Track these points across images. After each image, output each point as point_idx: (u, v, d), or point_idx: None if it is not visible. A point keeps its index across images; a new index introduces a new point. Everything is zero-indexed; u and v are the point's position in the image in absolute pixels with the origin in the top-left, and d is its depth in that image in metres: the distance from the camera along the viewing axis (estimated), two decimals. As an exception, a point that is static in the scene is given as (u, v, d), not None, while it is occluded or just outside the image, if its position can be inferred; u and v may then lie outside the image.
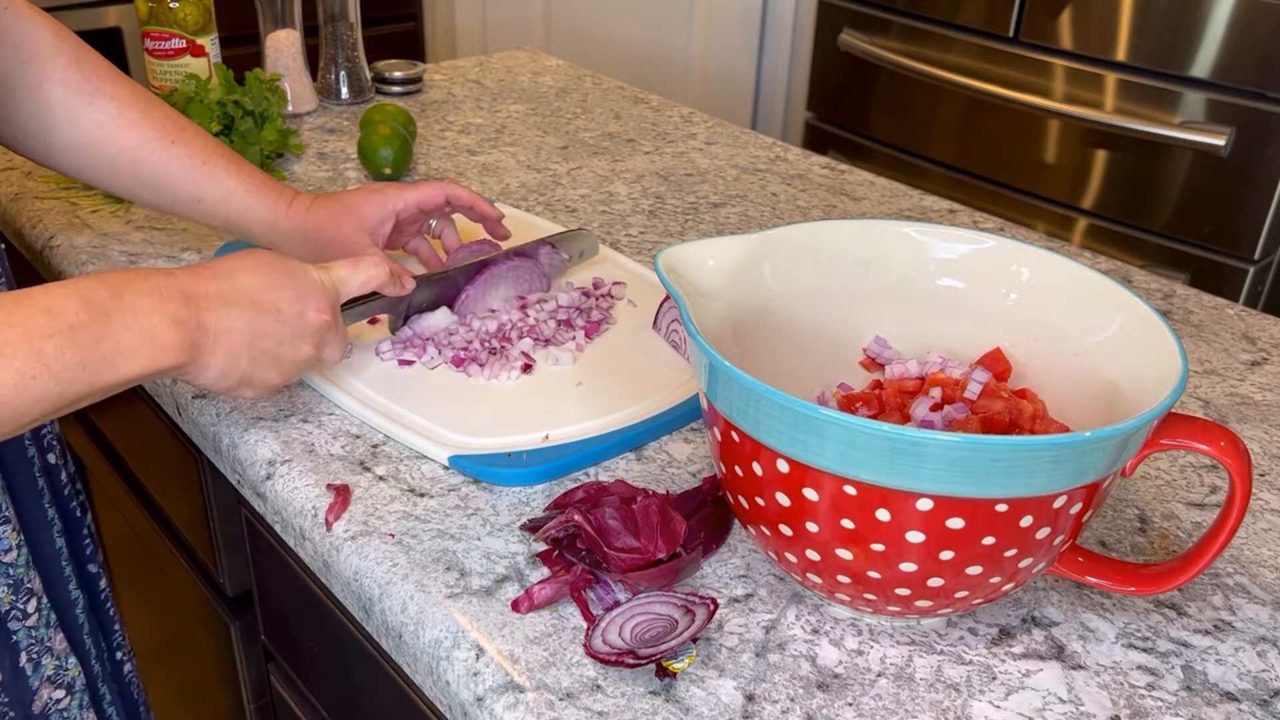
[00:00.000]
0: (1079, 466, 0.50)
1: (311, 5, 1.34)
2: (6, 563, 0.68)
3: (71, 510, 0.81)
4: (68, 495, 0.81)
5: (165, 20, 1.18)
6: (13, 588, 0.69)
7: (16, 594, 0.69)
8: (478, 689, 0.57)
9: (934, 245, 0.69)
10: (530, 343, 0.83)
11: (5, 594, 0.69)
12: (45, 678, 0.72)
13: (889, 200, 1.17)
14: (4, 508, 0.68)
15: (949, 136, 1.89)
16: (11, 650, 0.69)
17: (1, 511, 0.68)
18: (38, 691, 0.71)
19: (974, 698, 0.56)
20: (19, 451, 0.73)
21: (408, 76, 1.41)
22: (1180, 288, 1.02)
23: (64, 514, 0.79)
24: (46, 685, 0.72)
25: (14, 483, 0.72)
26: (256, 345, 0.66)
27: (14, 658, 0.70)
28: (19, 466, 0.73)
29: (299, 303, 0.68)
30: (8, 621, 0.69)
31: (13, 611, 0.69)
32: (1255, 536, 0.69)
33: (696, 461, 0.73)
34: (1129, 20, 1.60)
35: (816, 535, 0.54)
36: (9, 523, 0.69)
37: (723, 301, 0.65)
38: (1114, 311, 0.62)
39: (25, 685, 0.71)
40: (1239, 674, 0.59)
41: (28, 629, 0.70)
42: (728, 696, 0.55)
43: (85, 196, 1.07)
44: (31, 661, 0.71)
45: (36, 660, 0.71)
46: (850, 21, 1.99)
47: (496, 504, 0.69)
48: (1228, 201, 1.56)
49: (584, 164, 1.22)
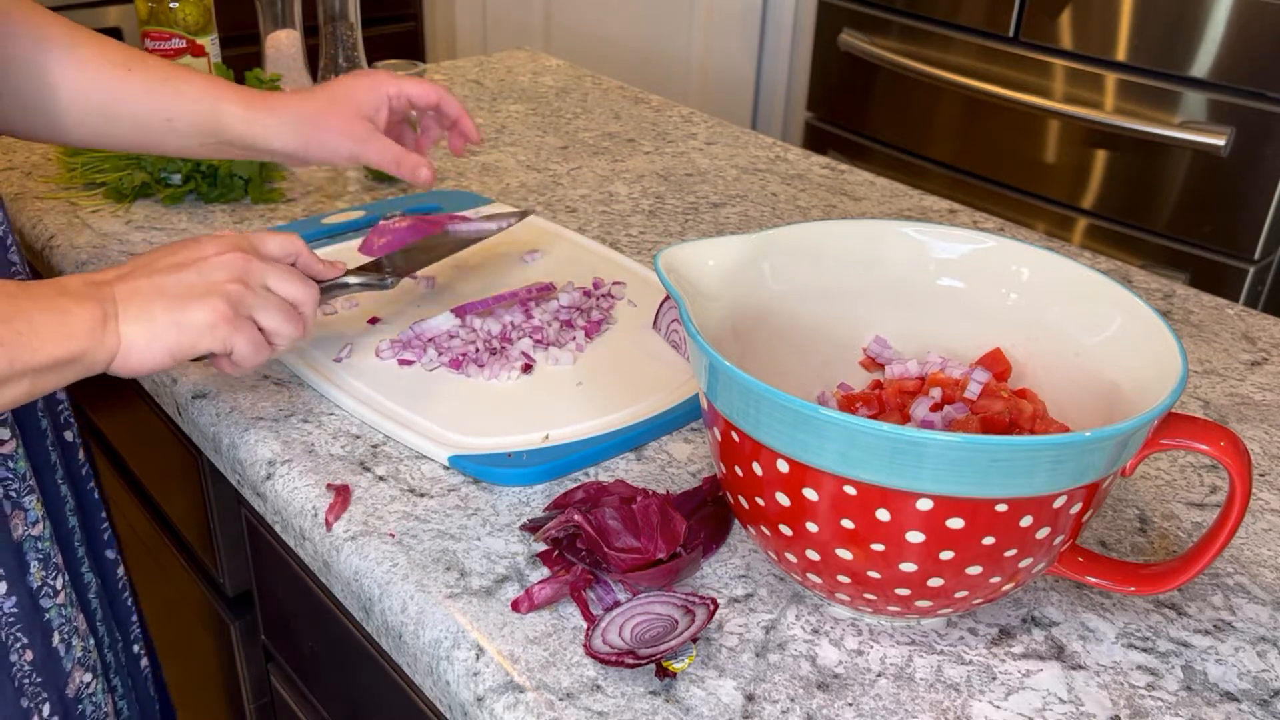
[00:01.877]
0: (1079, 466, 0.50)
1: (311, 5, 1.34)
2: (35, 536, 0.68)
3: (89, 492, 0.81)
4: (85, 476, 0.80)
5: (165, 20, 1.18)
6: (43, 563, 0.68)
7: (46, 570, 0.68)
8: (478, 689, 0.57)
9: (934, 245, 0.69)
10: (530, 343, 0.82)
11: (37, 569, 0.68)
12: (76, 660, 0.71)
13: (889, 200, 1.17)
14: (28, 476, 0.68)
15: (949, 136, 1.89)
16: (45, 629, 0.68)
17: (26, 481, 0.67)
18: (70, 674, 0.70)
19: (974, 698, 0.56)
20: (34, 424, 0.72)
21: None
22: (1180, 288, 1.02)
23: (79, 494, 0.79)
24: (78, 668, 0.71)
25: (32, 454, 0.71)
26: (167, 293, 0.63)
27: (47, 637, 0.69)
28: (34, 439, 0.72)
29: (193, 249, 0.66)
30: (40, 598, 0.68)
31: (44, 588, 0.68)
32: (1255, 536, 0.69)
33: (696, 461, 0.73)
34: (1129, 20, 1.60)
35: (816, 535, 0.54)
36: (34, 492, 0.68)
37: (723, 301, 0.65)
38: (1114, 311, 0.62)
39: (59, 667, 0.70)
40: (1239, 674, 0.59)
41: (58, 607, 0.69)
42: (728, 696, 0.55)
43: (85, 196, 1.07)
44: (64, 642, 0.70)
45: (68, 641, 0.70)
46: (850, 21, 1.99)
47: (496, 504, 0.69)
48: (1228, 201, 1.56)
49: (584, 164, 1.22)
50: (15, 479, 0.67)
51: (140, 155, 1.06)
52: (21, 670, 0.67)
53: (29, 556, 0.68)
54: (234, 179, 1.07)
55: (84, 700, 0.72)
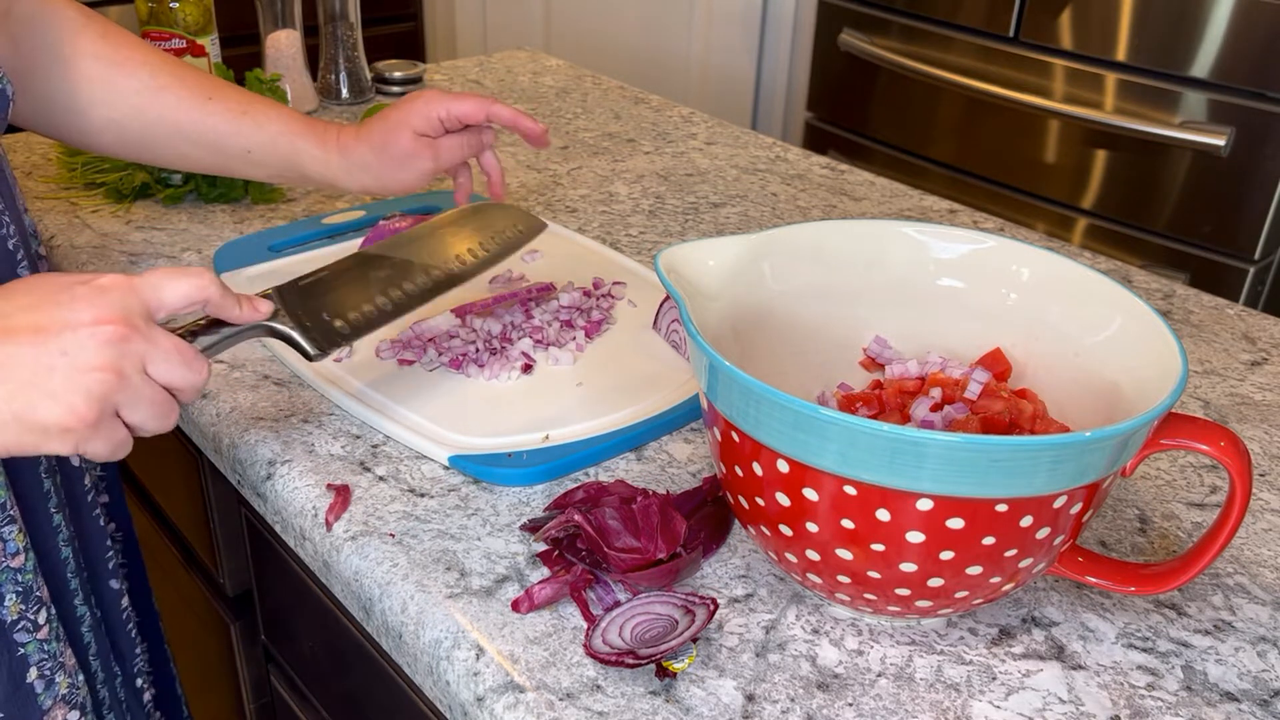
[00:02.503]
0: (1079, 466, 0.50)
1: (311, 5, 1.34)
2: (14, 568, 0.64)
3: (94, 519, 0.77)
4: (90, 503, 0.77)
5: (165, 20, 1.18)
6: (22, 596, 0.65)
7: (26, 603, 0.65)
8: (478, 689, 0.57)
9: (934, 245, 0.69)
10: (530, 343, 0.82)
11: (14, 603, 0.64)
12: (59, 696, 0.67)
13: (889, 200, 1.17)
14: (9, 507, 0.64)
15: (949, 136, 1.89)
16: (18, 664, 0.65)
17: (7, 511, 0.64)
18: (50, 711, 0.67)
19: (974, 698, 0.56)
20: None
21: (408, 77, 1.41)
22: (1180, 288, 1.02)
23: (78, 521, 0.75)
24: (60, 705, 0.68)
25: (18, 480, 0.68)
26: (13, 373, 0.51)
27: (18, 673, 0.65)
28: (22, 467, 0.68)
29: (66, 315, 0.52)
30: (14, 632, 0.65)
31: (22, 623, 0.65)
32: (1255, 536, 0.69)
33: (696, 461, 0.73)
34: (1129, 20, 1.60)
35: (816, 535, 0.54)
36: (14, 523, 0.65)
37: (723, 301, 0.65)
38: (1114, 311, 0.62)
39: (32, 704, 0.66)
40: (1239, 674, 0.59)
41: (39, 642, 0.66)
42: (728, 696, 0.55)
43: (85, 196, 1.07)
44: (44, 678, 0.66)
45: (49, 677, 0.67)
46: (850, 21, 1.99)
47: (496, 504, 0.69)
48: (1228, 201, 1.56)
49: (584, 164, 1.22)
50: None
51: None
52: None
53: (5, 589, 0.64)
54: (234, 179, 1.07)
55: None
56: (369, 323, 0.70)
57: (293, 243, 0.98)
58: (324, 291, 0.69)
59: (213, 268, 0.94)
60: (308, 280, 0.69)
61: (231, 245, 0.97)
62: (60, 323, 0.52)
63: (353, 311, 0.69)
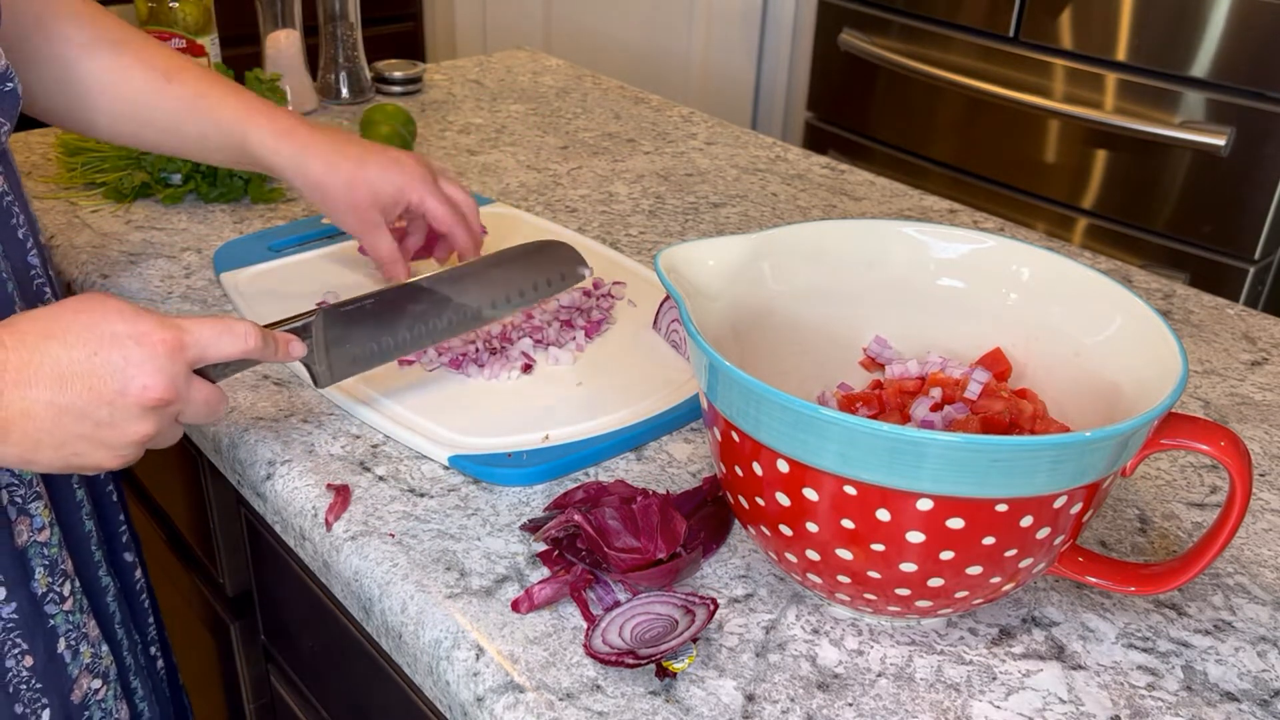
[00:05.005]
0: (1079, 466, 0.50)
1: (311, 5, 1.34)
2: (41, 542, 0.67)
3: (107, 494, 0.80)
4: (102, 479, 0.80)
5: (165, 20, 1.18)
6: (49, 569, 0.68)
7: (53, 576, 0.68)
8: (478, 689, 0.57)
9: (934, 245, 0.69)
10: (530, 343, 0.83)
11: (42, 575, 0.67)
12: (84, 666, 0.70)
13: (889, 200, 1.17)
14: (35, 483, 0.67)
15: (949, 136, 1.89)
16: (49, 635, 0.68)
17: (33, 487, 0.67)
18: (77, 680, 0.70)
19: (974, 698, 0.56)
20: None
21: (408, 76, 1.41)
22: (1180, 288, 1.02)
23: (96, 497, 0.78)
24: (85, 674, 0.71)
25: None
26: (62, 430, 0.56)
27: (51, 643, 0.68)
28: None
29: (119, 378, 0.56)
30: (45, 604, 0.68)
31: (50, 595, 0.68)
32: (1255, 536, 0.69)
33: (696, 461, 0.73)
34: (1129, 20, 1.60)
35: (816, 535, 0.54)
36: (41, 498, 0.67)
37: (723, 301, 0.65)
38: (1114, 311, 0.62)
39: (64, 673, 0.69)
40: (1239, 674, 0.59)
41: (65, 613, 0.69)
42: (728, 696, 0.55)
43: (85, 196, 1.07)
44: (70, 648, 0.69)
45: (75, 647, 0.70)
46: (850, 21, 1.99)
47: (496, 504, 0.69)
48: (1228, 201, 1.56)
49: (584, 164, 1.22)
50: (21, 485, 0.67)
51: (140, 154, 1.06)
52: (19, 676, 0.67)
53: (34, 563, 0.67)
54: (234, 179, 1.07)
55: (91, 706, 0.72)
56: (383, 354, 0.75)
57: (292, 242, 0.98)
58: (359, 320, 0.73)
59: (212, 267, 0.94)
60: (351, 306, 0.73)
61: (231, 245, 0.97)
62: (112, 390, 0.56)
63: (372, 343, 0.74)
